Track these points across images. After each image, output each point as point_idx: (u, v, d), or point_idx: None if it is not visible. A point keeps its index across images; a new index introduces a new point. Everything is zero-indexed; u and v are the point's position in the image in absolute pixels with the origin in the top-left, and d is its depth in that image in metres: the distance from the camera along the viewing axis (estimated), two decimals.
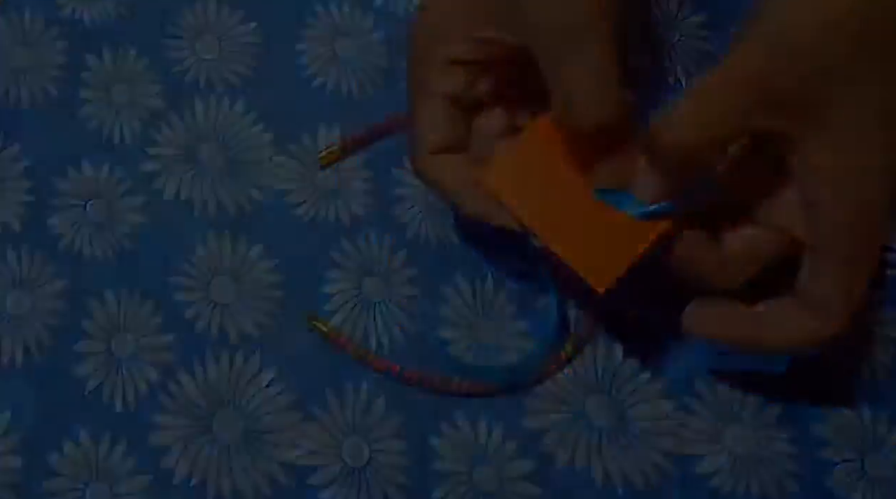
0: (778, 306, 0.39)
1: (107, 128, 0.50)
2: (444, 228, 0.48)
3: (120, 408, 0.44)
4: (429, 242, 0.48)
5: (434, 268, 0.47)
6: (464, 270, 0.47)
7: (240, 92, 0.51)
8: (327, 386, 0.45)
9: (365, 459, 0.44)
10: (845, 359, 0.46)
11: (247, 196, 0.49)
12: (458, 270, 0.47)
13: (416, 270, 0.47)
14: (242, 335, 0.46)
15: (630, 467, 0.44)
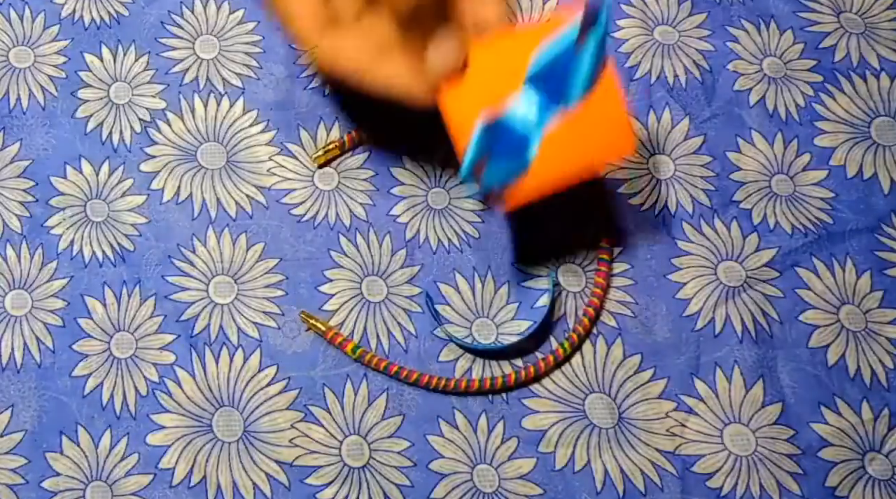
0: None
1: (106, 128, 0.50)
2: (444, 228, 0.48)
3: (120, 408, 0.44)
4: (428, 241, 0.48)
5: (434, 268, 0.47)
6: (464, 269, 0.47)
7: (238, 91, 0.51)
8: (327, 386, 0.45)
9: (365, 459, 0.44)
10: (844, 358, 0.46)
11: (245, 196, 0.49)
12: (458, 270, 0.47)
13: (416, 270, 0.47)
14: (242, 335, 0.46)
15: (630, 467, 0.44)
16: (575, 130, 0.40)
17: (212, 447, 0.44)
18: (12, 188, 0.48)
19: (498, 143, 0.39)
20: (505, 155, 0.39)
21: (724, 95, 0.51)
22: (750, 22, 0.53)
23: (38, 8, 0.53)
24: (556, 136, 0.39)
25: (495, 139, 0.39)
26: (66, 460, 0.43)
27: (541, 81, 0.39)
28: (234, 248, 0.48)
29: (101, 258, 0.47)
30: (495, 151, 0.39)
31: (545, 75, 0.39)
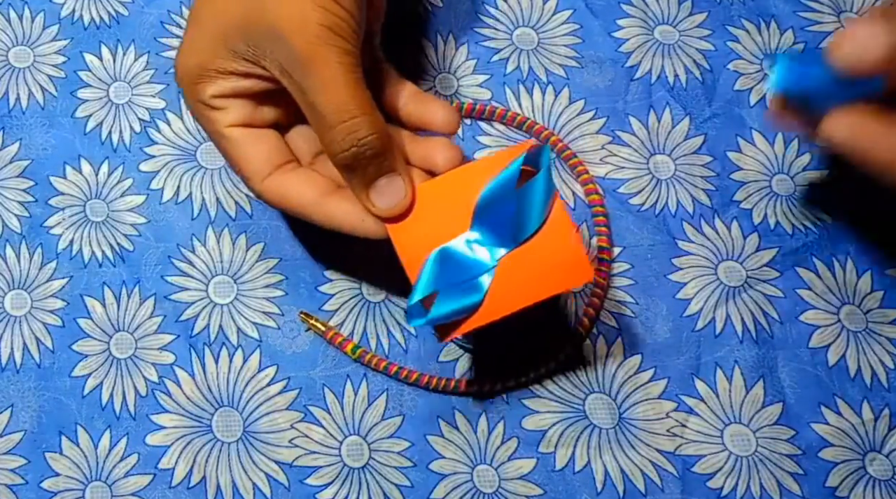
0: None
1: (106, 127, 0.50)
2: None
3: (119, 408, 0.44)
4: None
5: None
6: None
7: None
8: (327, 386, 0.45)
9: (365, 459, 0.44)
10: (845, 358, 0.46)
11: (247, 196, 0.49)
12: None
13: None
14: (242, 335, 0.46)
15: (630, 468, 0.44)
16: (527, 264, 0.40)
17: (211, 448, 0.44)
18: (12, 188, 0.48)
19: (447, 279, 0.39)
20: (455, 292, 0.39)
21: (725, 95, 0.51)
22: (750, 22, 0.53)
23: (38, 8, 0.53)
24: (507, 270, 0.39)
25: (445, 275, 0.39)
26: (65, 461, 0.43)
27: (487, 220, 0.40)
28: (233, 248, 0.48)
29: (100, 258, 0.47)
30: (445, 288, 0.39)
31: (491, 214, 0.40)
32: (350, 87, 0.38)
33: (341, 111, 0.38)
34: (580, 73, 0.52)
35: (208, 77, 0.40)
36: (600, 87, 0.52)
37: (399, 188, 0.39)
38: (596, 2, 0.54)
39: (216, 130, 0.41)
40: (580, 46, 0.53)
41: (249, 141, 0.41)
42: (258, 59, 0.39)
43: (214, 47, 0.40)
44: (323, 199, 0.41)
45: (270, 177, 0.41)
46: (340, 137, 0.38)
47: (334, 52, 0.38)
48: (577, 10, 0.54)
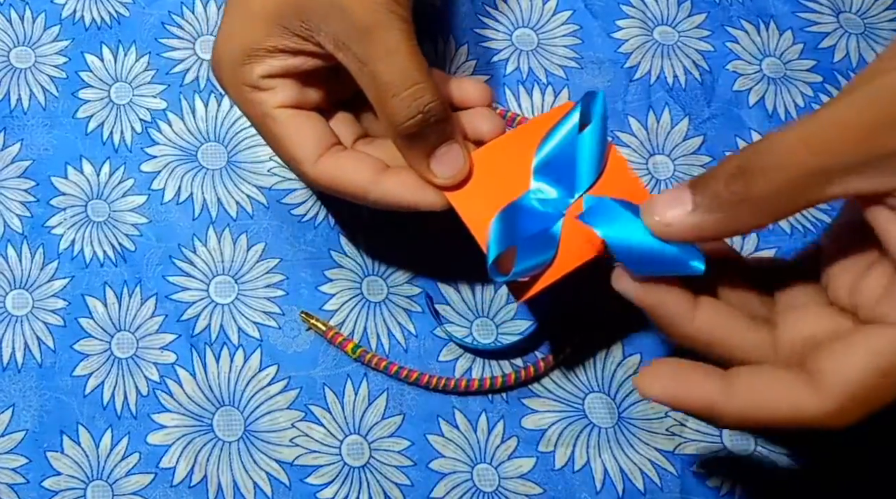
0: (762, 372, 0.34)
1: (107, 128, 0.50)
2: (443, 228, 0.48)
3: (120, 407, 0.44)
4: (428, 241, 0.48)
5: (434, 268, 0.47)
6: (464, 269, 0.47)
7: None
8: (328, 385, 0.45)
9: (365, 458, 0.44)
10: None
11: (247, 196, 0.49)
12: (458, 270, 0.47)
13: (416, 269, 0.47)
14: (243, 335, 0.46)
15: (630, 467, 0.44)
16: None
17: (212, 447, 0.44)
18: (13, 188, 0.49)
19: (519, 234, 0.39)
20: (531, 245, 0.39)
21: (724, 96, 0.52)
22: (749, 22, 0.54)
23: (39, 8, 0.53)
24: (573, 222, 0.39)
25: (516, 231, 0.39)
26: (66, 460, 0.43)
27: (548, 174, 0.40)
28: (234, 248, 0.48)
29: (101, 258, 0.47)
30: (520, 242, 0.38)
31: (551, 168, 0.40)
32: (411, 55, 0.38)
33: (405, 78, 0.37)
34: (580, 74, 0.52)
35: (256, 57, 0.40)
36: (600, 88, 0.52)
37: (459, 155, 0.39)
38: (595, 3, 0.54)
39: (264, 111, 0.40)
40: (580, 47, 0.53)
41: (299, 122, 0.40)
42: (311, 35, 0.39)
43: (265, 26, 0.39)
44: (378, 176, 0.40)
45: (322, 159, 0.40)
46: (406, 104, 0.37)
47: (395, 20, 0.37)
48: (576, 10, 0.54)
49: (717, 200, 0.33)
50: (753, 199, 0.32)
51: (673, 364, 0.35)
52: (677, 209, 0.34)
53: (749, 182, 0.32)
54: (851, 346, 0.32)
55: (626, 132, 0.51)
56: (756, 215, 0.33)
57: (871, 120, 0.31)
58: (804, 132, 0.32)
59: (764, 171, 0.32)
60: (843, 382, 0.32)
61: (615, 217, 0.36)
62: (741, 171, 0.32)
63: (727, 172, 0.33)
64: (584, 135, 0.40)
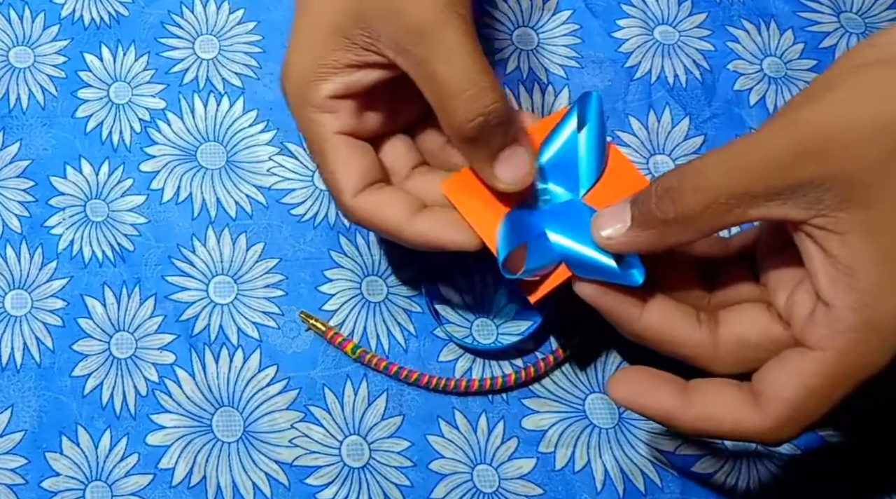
0: (710, 388, 0.37)
1: (106, 127, 0.50)
2: None
3: (119, 408, 0.44)
4: None
5: (433, 268, 0.47)
6: (463, 269, 0.47)
7: (239, 91, 0.51)
8: (327, 386, 0.45)
9: (365, 459, 0.44)
10: None
11: (245, 196, 0.49)
12: (457, 270, 0.47)
13: (416, 269, 0.47)
14: (242, 335, 0.46)
15: (630, 467, 0.44)
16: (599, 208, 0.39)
17: (212, 447, 0.44)
18: (12, 188, 0.48)
19: (527, 234, 0.39)
20: (541, 243, 0.39)
21: (725, 95, 0.51)
22: (750, 22, 0.53)
23: (38, 8, 0.53)
24: None
25: (523, 232, 0.39)
26: (65, 460, 0.43)
27: (553, 174, 0.40)
28: (233, 248, 0.48)
29: (100, 258, 0.47)
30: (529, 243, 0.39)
31: (555, 168, 0.40)
32: (472, 55, 0.37)
33: (466, 79, 0.37)
34: (580, 74, 0.52)
35: (323, 74, 0.39)
36: (600, 88, 0.52)
37: (524, 158, 0.38)
38: (596, 2, 0.54)
39: (323, 136, 0.40)
40: (580, 47, 0.53)
41: (351, 152, 0.40)
42: (372, 43, 0.38)
43: (329, 39, 0.39)
44: (413, 216, 0.40)
45: (361, 194, 0.40)
46: (466, 106, 0.37)
47: (454, 18, 0.37)
48: (576, 10, 0.54)
49: (649, 217, 0.36)
50: (681, 217, 0.35)
51: (640, 372, 0.38)
52: (618, 225, 0.37)
53: (676, 202, 0.35)
54: (784, 370, 0.35)
55: (626, 132, 0.51)
56: (684, 232, 0.35)
57: (787, 151, 0.33)
58: (728, 157, 0.34)
59: (690, 191, 0.34)
60: (778, 403, 0.34)
61: (573, 224, 0.39)
62: (669, 191, 0.35)
63: (658, 191, 0.35)
64: (583, 134, 0.40)
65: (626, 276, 0.37)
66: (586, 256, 0.38)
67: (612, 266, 0.37)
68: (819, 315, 0.34)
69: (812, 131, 0.33)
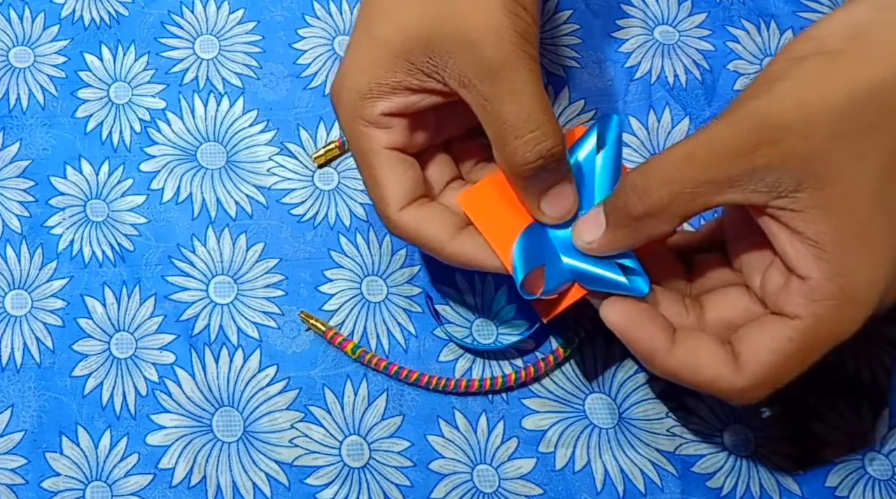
0: (697, 338, 0.38)
1: (106, 127, 0.50)
2: None
3: (119, 408, 0.44)
4: None
5: (433, 268, 0.47)
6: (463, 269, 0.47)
7: (238, 91, 0.51)
8: (327, 386, 0.45)
9: (365, 459, 0.44)
10: (845, 359, 0.46)
11: (245, 196, 0.49)
12: (457, 270, 0.47)
13: (416, 269, 0.47)
14: (242, 335, 0.46)
15: (630, 467, 0.44)
16: None
17: (211, 447, 0.44)
18: (12, 188, 0.48)
19: (543, 254, 0.39)
20: (557, 263, 0.40)
21: (725, 95, 0.51)
22: (750, 22, 0.53)
23: (38, 8, 0.53)
24: None
25: (539, 251, 0.39)
26: (65, 460, 0.43)
27: None
28: (233, 248, 0.48)
29: (100, 258, 0.47)
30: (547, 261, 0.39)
31: None
32: (537, 96, 0.37)
33: (529, 121, 0.37)
34: (580, 74, 0.52)
35: (380, 93, 0.40)
36: (600, 88, 0.52)
37: (570, 195, 0.39)
38: (596, 2, 0.54)
39: (373, 149, 0.40)
40: (580, 47, 0.53)
41: (400, 166, 0.41)
42: (436, 71, 0.38)
43: (391, 61, 0.39)
44: (453, 237, 0.40)
45: (406, 209, 0.40)
46: (528, 148, 0.37)
47: (524, 59, 0.37)
48: (577, 10, 0.54)
49: (621, 216, 0.37)
50: (650, 211, 0.36)
51: (637, 303, 0.39)
52: (595, 229, 0.38)
53: (643, 197, 0.36)
54: (764, 335, 0.37)
55: (626, 132, 0.51)
56: (656, 224, 0.37)
57: (743, 140, 0.35)
58: (688, 149, 0.36)
59: (655, 186, 0.36)
60: (756, 366, 0.36)
61: None
62: (635, 188, 0.37)
63: (625, 190, 0.37)
64: (601, 156, 0.40)
65: (634, 288, 0.39)
66: (595, 273, 0.39)
67: (622, 281, 0.39)
68: (795, 286, 0.36)
69: (764, 120, 0.35)
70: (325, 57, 0.52)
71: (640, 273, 0.39)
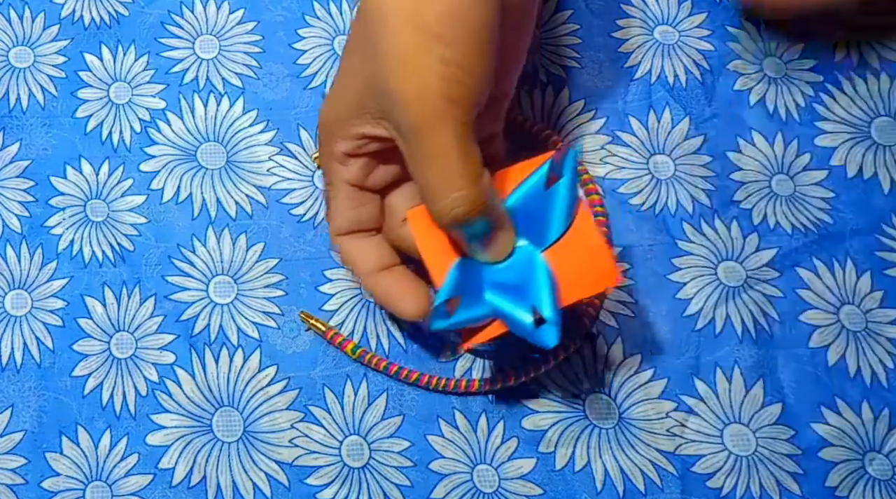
0: None
1: (106, 127, 0.50)
2: None
3: (119, 408, 0.44)
4: None
5: None
6: None
7: (239, 91, 0.51)
8: (327, 386, 0.45)
9: (365, 459, 0.44)
10: (844, 358, 0.46)
11: (245, 196, 0.49)
12: None
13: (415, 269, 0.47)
14: (242, 335, 0.46)
15: (630, 467, 0.44)
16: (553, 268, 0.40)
17: (212, 447, 0.44)
18: (12, 188, 0.48)
19: (472, 284, 0.39)
20: (478, 297, 0.39)
21: (725, 95, 0.51)
22: (750, 22, 0.53)
23: (38, 8, 0.53)
24: None
25: (469, 281, 0.39)
26: (65, 460, 0.43)
27: (518, 220, 0.40)
28: (233, 248, 0.48)
29: (100, 258, 0.47)
30: (468, 292, 0.39)
31: (519, 218, 0.40)
32: (460, 160, 0.37)
33: (447, 185, 0.37)
34: (580, 74, 0.52)
35: (343, 134, 0.41)
36: (600, 88, 0.52)
37: (500, 241, 0.40)
38: (596, 2, 0.54)
39: (333, 181, 0.43)
40: (580, 47, 0.53)
41: (353, 200, 0.43)
42: (382, 121, 0.39)
43: (353, 106, 0.40)
44: (375, 273, 0.42)
45: (345, 236, 0.43)
46: (445, 212, 0.38)
47: (448, 121, 0.37)
48: (577, 10, 0.54)
49: None
50: None
51: None
52: None
53: None
54: None
55: (626, 132, 0.51)
56: None
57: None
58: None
59: None
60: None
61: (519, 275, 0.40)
62: None
63: None
64: (555, 189, 0.40)
65: (541, 337, 0.38)
66: (508, 313, 0.39)
67: (528, 327, 0.38)
68: None
69: None
70: (325, 57, 0.52)
71: (554, 325, 0.38)
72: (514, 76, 0.43)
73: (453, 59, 0.36)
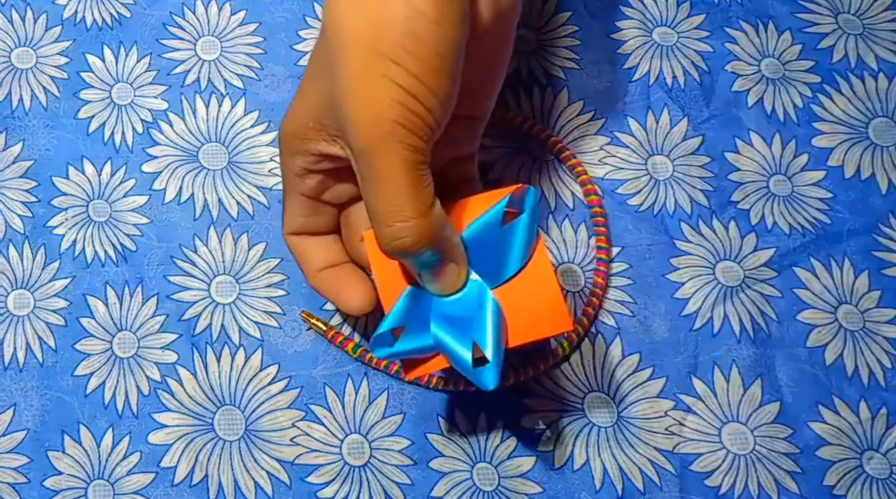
0: None
1: (108, 128, 0.50)
2: None
3: (121, 407, 0.45)
4: None
5: None
6: None
7: (240, 92, 0.51)
8: (328, 385, 0.45)
9: (365, 457, 0.44)
10: (842, 358, 0.46)
11: (247, 196, 0.49)
12: None
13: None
14: (244, 335, 0.46)
15: (629, 466, 0.44)
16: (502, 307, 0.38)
17: (213, 446, 0.44)
18: (15, 189, 0.49)
19: (419, 315, 0.38)
20: (424, 329, 0.38)
21: (723, 96, 0.52)
22: (748, 23, 0.54)
23: (41, 9, 0.53)
24: None
25: (417, 311, 0.38)
26: (67, 459, 0.44)
27: (473, 254, 0.39)
28: (235, 248, 0.48)
29: (103, 258, 0.47)
30: (414, 323, 0.38)
31: (476, 247, 0.39)
32: (407, 187, 0.36)
33: (392, 212, 0.36)
34: (579, 75, 0.52)
35: (300, 148, 0.40)
36: (599, 89, 0.52)
37: (448, 275, 0.38)
38: (595, 4, 0.54)
39: (290, 191, 0.42)
40: (579, 48, 0.53)
41: (307, 209, 0.42)
42: (337, 138, 0.39)
43: (308, 123, 0.39)
44: (320, 270, 0.43)
45: (296, 236, 0.43)
46: (388, 240, 0.37)
47: (397, 148, 0.36)
48: (576, 12, 0.54)
49: None
50: None
51: None
52: None
53: None
54: None
55: (625, 133, 0.51)
56: None
57: None
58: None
59: None
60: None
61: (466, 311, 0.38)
62: None
63: None
64: (513, 226, 0.38)
65: (479, 377, 0.37)
66: (450, 349, 0.38)
67: (468, 365, 0.37)
68: None
69: None
70: None
71: (493, 367, 0.37)
72: (491, 99, 0.42)
73: (408, 84, 0.35)
